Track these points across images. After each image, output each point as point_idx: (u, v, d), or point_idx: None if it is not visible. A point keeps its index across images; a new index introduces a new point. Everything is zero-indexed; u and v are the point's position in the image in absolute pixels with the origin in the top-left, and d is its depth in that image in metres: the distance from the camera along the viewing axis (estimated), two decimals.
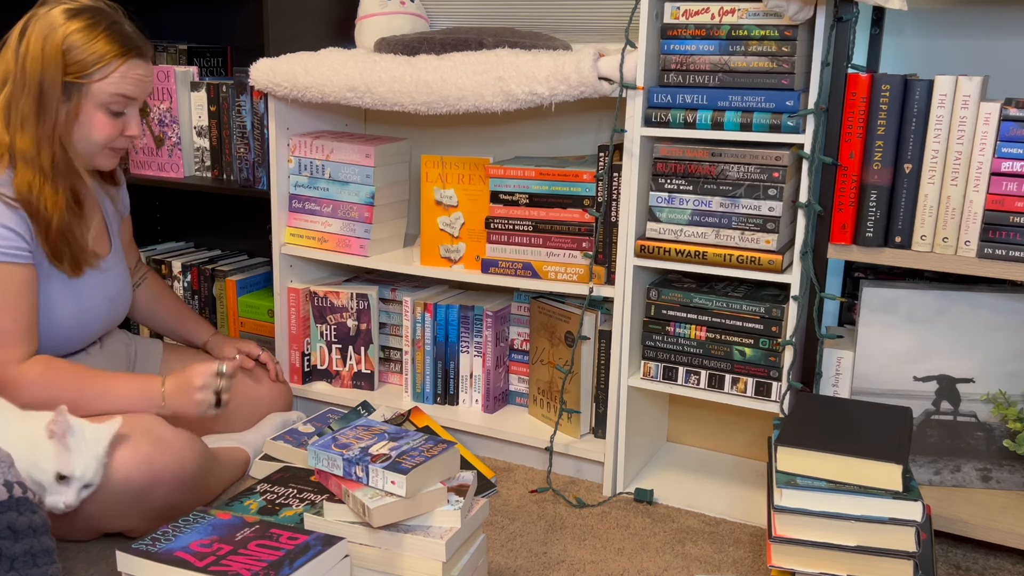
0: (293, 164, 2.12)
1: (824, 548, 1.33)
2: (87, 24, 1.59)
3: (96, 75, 1.60)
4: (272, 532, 1.35)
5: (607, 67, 1.70)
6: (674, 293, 1.77)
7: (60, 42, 1.57)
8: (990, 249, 1.49)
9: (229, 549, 1.29)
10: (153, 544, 1.30)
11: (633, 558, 1.62)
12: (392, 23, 2.07)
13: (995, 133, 1.47)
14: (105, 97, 1.62)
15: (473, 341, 2.05)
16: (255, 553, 1.28)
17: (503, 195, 1.91)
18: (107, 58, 1.60)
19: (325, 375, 2.20)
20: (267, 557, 1.27)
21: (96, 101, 1.62)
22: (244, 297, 2.31)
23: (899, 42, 1.75)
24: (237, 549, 1.29)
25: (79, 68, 1.58)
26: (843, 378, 1.68)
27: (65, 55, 1.57)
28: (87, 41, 1.59)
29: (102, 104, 1.62)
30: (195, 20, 2.51)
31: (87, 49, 1.58)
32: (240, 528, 1.36)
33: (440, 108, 1.83)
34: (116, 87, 1.62)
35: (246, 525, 1.36)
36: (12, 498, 1.11)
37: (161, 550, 1.29)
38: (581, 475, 1.94)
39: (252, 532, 1.35)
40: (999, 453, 1.66)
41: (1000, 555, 1.64)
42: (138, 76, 1.65)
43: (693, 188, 1.69)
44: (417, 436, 1.48)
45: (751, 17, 1.60)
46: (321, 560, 1.29)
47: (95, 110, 1.62)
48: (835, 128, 1.56)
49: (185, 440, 1.60)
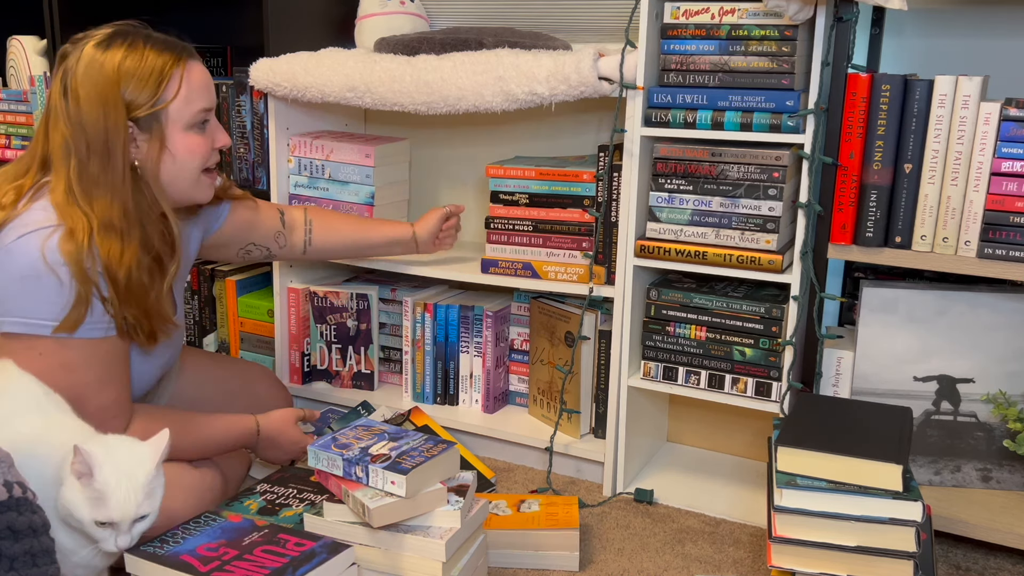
0: (293, 164, 2.12)
1: (824, 548, 1.33)
2: (128, 47, 1.45)
3: (168, 93, 1.46)
4: (280, 537, 1.34)
5: (607, 67, 1.70)
6: (674, 293, 1.77)
7: (114, 77, 1.42)
8: (990, 249, 1.49)
9: (235, 554, 1.29)
10: (161, 546, 1.30)
11: (633, 558, 1.62)
12: (392, 23, 2.07)
13: (995, 133, 1.46)
14: (188, 115, 1.48)
15: (473, 341, 2.05)
16: (260, 559, 1.28)
17: (503, 195, 1.91)
18: (166, 71, 1.46)
19: (325, 375, 2.20)
20: (271, 563, 1.26)
21: (181, 122, 1.48)
22: (244, 297, 2.31)
23: (899, 42, 1.75)
24: (243, 554, 1.29)
25: (148, 95, 1.44)
26: (843, 378, 1.68)
27: (123, 88, 1.43)
28: (138, 63, 1.44)
29: (188, 123, 1.49)
30: (195, 20, 2.51)
31: (143, 71, 1.44)
32: (249, 532, 1.35)
33: (440, 108, 1.83)
34: (194, 102, 1.49)
35: (255, 529, 1.36)
36: (12, 498, 1.11)
37: (168, 553, 1.29)
38: (581, 475, 1.94)
39: (260, 536, 1.34)
40: (999, 453, 1.66)
41: (1000, 555, 1.64)
42: (201, 78, 1.51)
43: (693, 188, 1.69)
44: (417, 436, 1.48)
45: (751, 17, 1.60)
46: (326, 568, 1.28)
47: (182, 133, 1.49)
48: (835, 128, 1.56)
49: (208, 482, 1.60)
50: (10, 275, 1.41)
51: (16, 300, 1.42)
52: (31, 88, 2.47)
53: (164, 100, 1.46)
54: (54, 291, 1.41)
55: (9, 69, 2.58)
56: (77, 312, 1.42)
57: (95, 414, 1.47)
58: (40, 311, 1.42)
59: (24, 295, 1.41)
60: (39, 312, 1.42)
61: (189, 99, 1.49)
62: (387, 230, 1.98)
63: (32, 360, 1.43)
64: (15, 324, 1.43)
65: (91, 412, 1.47)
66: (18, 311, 1.42)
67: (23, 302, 1.42)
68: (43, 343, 1.43)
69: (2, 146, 2.59)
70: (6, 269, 1.41)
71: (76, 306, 1.42)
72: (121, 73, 1.43)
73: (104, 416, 1.49)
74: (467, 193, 2.24)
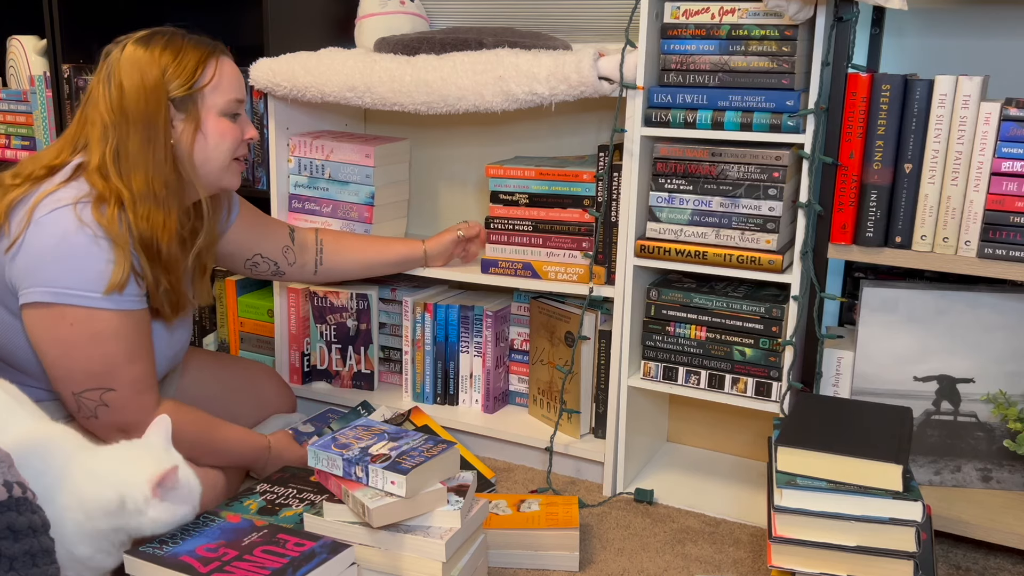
0: (293, 164, 2.12)
1: (824, 548, 1.33)
2: (166, 41, 1.55)
3: (204, 79, 1.55)
4: (279, 538, 1.33)
5: (607, 67, 1.70)
6: (674, 293, 1.77)
7: (157, 66, 1.53)
8: (990, 249, 1.49)
9: (235, 554, 1.28)
10: (160, 547, 1.30)
11: (633, 558, 1.62)
12: (392, 23, 2.07)
13: (995, 133, 1.46)
14: (221, 102, 1.58)
15: (473, 341, 2.05)
16: (260, 559, 1.27)
17: (503, 195, 1.91)
18: (203, 61, 1.56)
19: (325, 375, 2.20)
20: (271, 564, 1.26)
21: (215, 108, 1.57)
22: (244, 297, 2.31)
23: (899, 42, 1.75)
24: (243, 555, 1.28)
25: (186, 78, 1.54)
26: (843, 378, 1.68)
27: (165, 74, 1.53)
28: (177, 55, 1.54)
29: (221, 110, 1.58)
30: (195, 20, 2.50)
31: (183, 61, 1.54)
32: (248, 532, 1.34)
33: (440, 108, 1.83)
34: (225, 91, 1.58)
35: (254, 529, 1.35)
36: (12, 498, 1.11)
37: (168, 554, 1.28)
38: (581, 475, 1.94)
39: (260, 537, 1.33)
40: (999, 453, 1.66)
41: (1000, 555, 1.64)
42: (234, 72, 1.61)
43: (693, 188, 1.69)
44: (417, 436, 1.48)
45: (751, 17, 1.60)
46: (326, 568, 1.28)
47: (216, 118, 1.58)
48: (835, 128, 1.56)
49: (210, 481, 1.61)
50: (43, 245, 1.45)
51: (48, 270, 1.46)
52: (31, 88, 2.47)
53: (200, 84, 1.55)
54: (89, 259, 1.46)
55: (9, 69, 2.58)
56: (120, 275, 1.47)
57: (128, 385, 1.52)
58: (73, 280, 1.46)
59: (57, 264, 1.45)
60: (72, 281, 1.46)
61: (222, 87, 1.58)
62: (400, 249, 1.99)
63: (61, 329, 1.47)
64: (45, 293, 1.46)
65: (124, 383, 1.51)
66: (50, 280, 1.46)
67: (55, 272, 1.45)
68: (74, 312, 1.46)
69: (2, 146, 2.59)
70: (38, 240, 1.46)
71: (117, 271, 1.47)
72: (162, 59, 1.53)
73: (137, 388, 1.53)
74: (467, 193, 2.24)
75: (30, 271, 1.46)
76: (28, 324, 1.50)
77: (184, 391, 1.83)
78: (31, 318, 1.49)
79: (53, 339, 1.48)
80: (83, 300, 1.46)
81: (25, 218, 1.46)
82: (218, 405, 1.79)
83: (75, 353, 1.48)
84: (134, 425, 1.52)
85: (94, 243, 1.46)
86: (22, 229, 1.46)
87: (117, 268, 1.47)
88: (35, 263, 1.46)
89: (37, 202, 1.47)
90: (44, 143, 2.48)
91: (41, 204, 1.47)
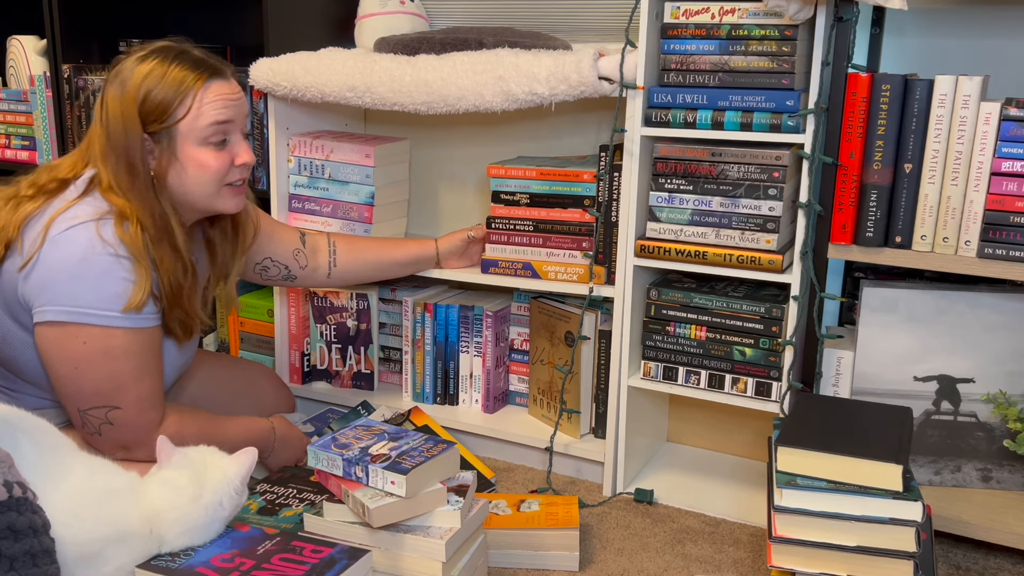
0: (293, 164, 2.12)
1: (824, 548, 1.33)
2: (156, 63, 1.50)
3: (179, 112, 1.49)
4: (295, 545, 1.32)
5: (607, 67, 1.70)
6: (674, 293, 1.77)
7: (135, 94, 1.49)
8: (990, 249, 1.49)
9: (252, 564, 1.27)
10: (173, 560, 1.28)
11: (633, 558, 1.62)
12: (392, 23, 2.07)
13: (995, 133, 1.46)
14: (199, 132, 1.51)
15: (473, 341, 2.05)
16: (279, 568, 1.26)
17: (504, 195, 1.91)
18: (183, 89, 1.49)
19: (325, 375, 2.20)
20: (292, 572, 1.25)
21: (192, 139, 1.51)
22: (244, 297, 2.31)
23: (899, 42, 1.75)
24: (260, 563, 1.27)
25: (160, 112, 1.49)
26: (843, 378, 1.68)
27: (142, 105, 1.49)
28: (159, 80, 1.49)
29: (200, 140, 1.52)
30: (195, 20, 2.50)
31: (163, 89, 1.49)
32: (261, 541, 1.33)
33: (440, 108, 1.82)
34: (204, 117, 1.51)
35: (267, 537, 1.34)
36: (12, 498, 1.10)
37: (182, 566, 1.26)
38: (581, 475, 1.94)
39: (274, 545, 1.32)
40: (999, 453, 1.66)
41: (1000, 555, 1.64)
42: (222, 97, 1.53)
43: (693, 188, 1.69)
44: (417, 436, 1.48)
45: (751, 17, 1.60)
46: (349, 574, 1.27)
47: (195, 149, 1.52)
48: (835, 128, 1.56)
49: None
50: (59, 264, 1.45)
51: (64, 289, 1.45)
52: (31, 88, 2.47)
53: (175, 119, 1.50)
54: (108, 278, 1.45)
55: (9, 69, 2.58)
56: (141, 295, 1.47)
57: (133, 404, 1.51)
58: (90, 299, 1.45)
59: (73, 283, 1.44)
60: (89, 300, 1.45)
61: (200, 116, 1.51)
62: (412, 248, 1.99)
63: (74, 347, 1.46)
64: (60, 312, 1.45)
65: (130, 402, 1.51)
66: (66, 299, 1.45)
67: (72, 291, 1.45)
68: (88, 331, 1.46)
69: (2, 146, 2.59)
70: (54, 259, 1.45)
71: (136, 290, 1.47)
72: (143, 91, 1.49)
73: (142, 407, 1.52)
74: (467, 193, 2.24)
75: (45, 289, 1.45)
76: (40, 342, 1.49)
77: (184, 392, 1.83)
78: (44, 336, 1.48)
79: (64, 357, 1.47)
80: (100, 319, 1.45)
81: (40, 236, 1.45)
82: (217, 406, 1.79)
83: (85, 370, 1.47)
84: (136, 443, 1.52)
85: (115, 262, 1.45)
86: (37, 247, 1.45)
87: (137, 288, 1.47)
88: (51, 282, 1.45)
89: (52, 220, 1.46)
90: (44, 143, 2.48)
91: (56, 222, 1.46)
